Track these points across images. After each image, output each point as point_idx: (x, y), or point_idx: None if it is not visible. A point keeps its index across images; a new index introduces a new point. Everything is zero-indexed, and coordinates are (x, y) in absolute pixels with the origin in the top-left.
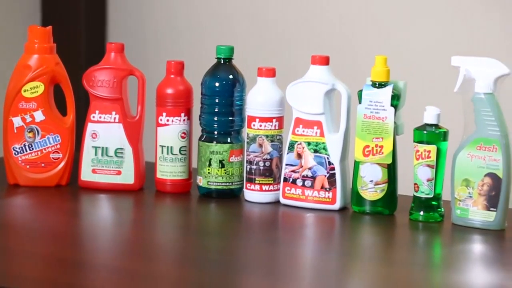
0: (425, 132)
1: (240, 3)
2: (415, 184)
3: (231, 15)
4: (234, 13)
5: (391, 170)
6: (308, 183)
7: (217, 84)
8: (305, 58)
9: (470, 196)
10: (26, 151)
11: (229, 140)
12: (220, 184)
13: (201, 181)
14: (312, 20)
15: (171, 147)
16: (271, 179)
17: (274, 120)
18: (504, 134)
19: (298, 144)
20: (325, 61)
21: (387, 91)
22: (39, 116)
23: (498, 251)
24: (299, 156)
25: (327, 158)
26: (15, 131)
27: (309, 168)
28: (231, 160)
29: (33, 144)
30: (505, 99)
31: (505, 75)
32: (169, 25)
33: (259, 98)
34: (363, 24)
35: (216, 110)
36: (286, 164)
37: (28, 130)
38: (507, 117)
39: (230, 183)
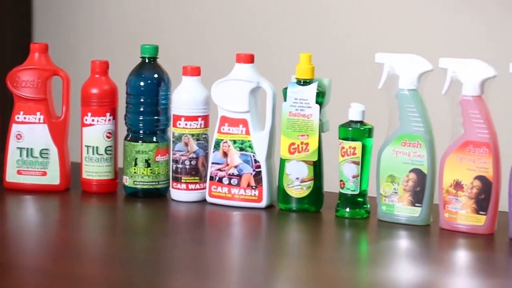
0: (350, 129)
1: (164, 2)
2: (340, 181)
3: (155, 14)
4: (159, 12)
5: (317, 167)
6: (234, 181)
7: (142, 84)
8: (230, 56)
9: (396, 192)
10: None
11: (154, 139)
12: (146, 183)
13: (127, 181)
14: (236, 18)
15: (97, 147)
16: (197, 178)
17: (199, 119)
18: (428, 130)
19: (224, 142)
20: (250, 59)
21: (312, 89)
22: None
23: (424, 246)
24: (225, 154)
25: (253, 156)
26: None
27: (235, 167)
28: (157, 160)
29: None
30: (429, 95)
31: (429, 71)
32: (94, 25)
33: (184, 97)
34: (287, 22)
35: (142, 109)
36: (212, 163)
37: None
38: (432, 113)
39: (156, 183)
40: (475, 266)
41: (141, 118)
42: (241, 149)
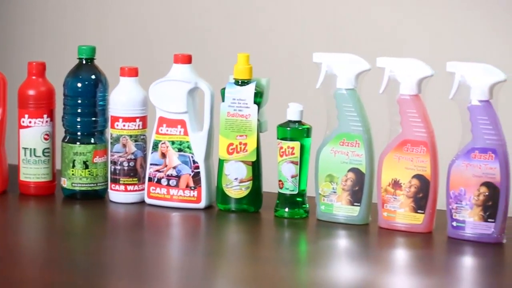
0: (288, 128)
1: (102, 2)
2: (279, 181)
3: (93, 15)
4: (96, 12)
5: (256, 167)
6: (173, 182)
7: (79, 85)
8: (168, 57)
9: (334, 192)
10: None
11: (92, 140)
12: (84, 185)
13: (65, 183)
14: (174, 19)
15: (34, 149)
16: (136, 179)
17: (137, 120)
18: (366, 129)
19: (162, 143)
20: (187, 59)
21: (250, 89)
22: None
23: (363, 246)
24: (163, 155)
25: (192, 157)
26: None
27: (174, 167)
28: (95, 161)
29: None
30: (367, 94)
31: (366, 71)
32: (30, 26)
33: (122, 98)
34: (225, 22)
35: (79, 111)
36: (151, 164)
37: None
38: (370, 112)
39: (95, 184)
40: (413, 265)
41: (79, 120)
42: (180, 150)
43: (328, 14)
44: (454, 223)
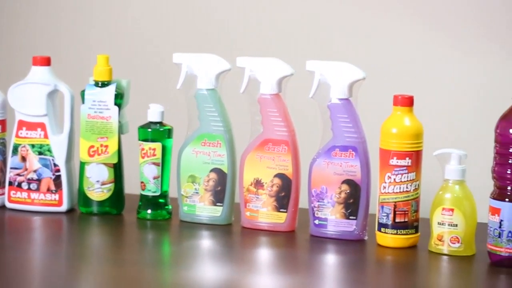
0: (149, 130)
1: None
2: (141, 182)
3: None
4: None
5: (117, 169)
6: (33, 186)
7: None
8: (28, 59)
9: (197, 192)
10: None
11: None
12: None
13: None
14: (32, 19)
15: None
16: None
17: None
18: (228, 129)
19: (22, 147)
20: (46, 61)
21: (110, 90)
22: None
23: (226, 246)
24: (24, 159)
25: (52, 160)
26: None
27: (34, 171)
28: None
29: None
30: (227, 94)
31: (227, 71)
32: None
33: None
34: (84, 23)
35: None
36: (11, 168)
37: None
38: (231, 112)
39: None
40: (277, 263)
41: None
42: (40, 153)
43: (188, 14)
44: (316, 221)
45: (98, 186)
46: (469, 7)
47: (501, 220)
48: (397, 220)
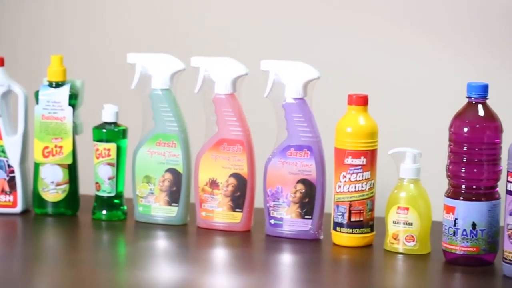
0: (104, 130)
1: None
2: (96, 183)
3: None
4: None
5: (72, 170)
6: None
7: None
8: None
9: (152, 193)
10: None
11: None
12: None
13: None
14: None
15: None
16: None
17: None
18: (183, 129)
19: None
20: (0, 62)
21: (64, 91)
22: None
23: (182, 246)
24: None
25: (6, 161)
26: None
27: None
28: None
29: None
30: (182, 94)
31: (181, 71)
32: None
33: None
34: (37, 23)
35: None
36: None
37: None
38: (186, 112)
39: None
40: (233, 263)
41: None
42: None
43: (143, 13)
44: (272, 221)
45: (52, 187)
46: (421, 4)
47: (456, 219)
48: (353, 219)
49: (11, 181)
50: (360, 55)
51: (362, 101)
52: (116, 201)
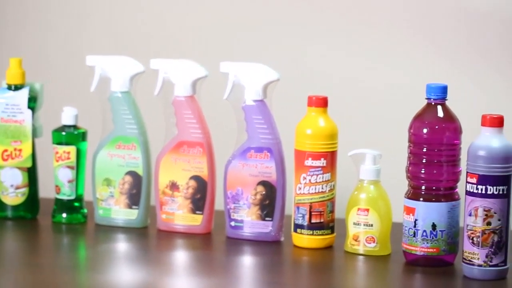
0: (63, 133)
1: None
2: (56, 186)
3: None
4: None
5: (32, 173)
6: None
7: None
8: None
9: (112, 196)
10: None
11: None
12: None
13: None
14: None
15: None
16: None
17: None
18: (142, 131)
19: None
20: None
21: (24, 94)
22: None
23: (142, 249)
24: None
25: None
26: None
27: None
28: None
29: None
30: (142, 96)
31: (140, 73)
32: None
33: None
34: None
35: None
36: None
37: None
38: (146, 114)
39: None
40: (193, 266)
41: None
42: None
43: (102, 15)
44: (233, 223)
45: (12, 191)
46: (377, 5)
47: (416, 220)
48: (313, 220)
49: None
50: (319, 56)
51: (322, 102)
52: (76, 204)
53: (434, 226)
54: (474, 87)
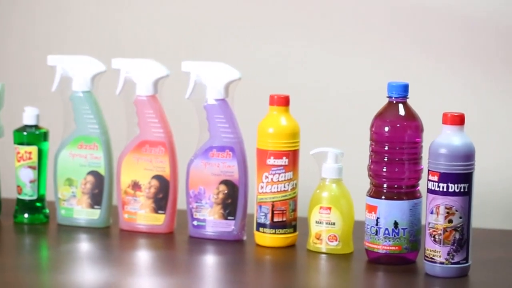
0: (25, 133)
1: None
2: (18, 186)
3: None
4: None
5: None
6: None
7: None
8: None
9: (74, 196)
10: None
11: None
12: None
13: None
14: None
15: None
16: None
17: None
18: (104, 131)
19: None
20: None
21: None
22: None
23: (104, 249)
24: None
25: None
26: None
27: None
28: None
29: None
30: (104, 96)
31: (101, 72)
32: None
33: None
34: None
35: None
36: None
37: None
38: (107, 114)
39: None
40: (156, 265)
41: None
42: None
43: (62, 14)
44: (195, 222)
45: None
46: (339, 4)
47: (378, 218)
48: (275, 219)
49: None
50: (281, 55)
51: (284, 101)
52: (38, 204)
53: (396, 224)
54: (435, 85)
